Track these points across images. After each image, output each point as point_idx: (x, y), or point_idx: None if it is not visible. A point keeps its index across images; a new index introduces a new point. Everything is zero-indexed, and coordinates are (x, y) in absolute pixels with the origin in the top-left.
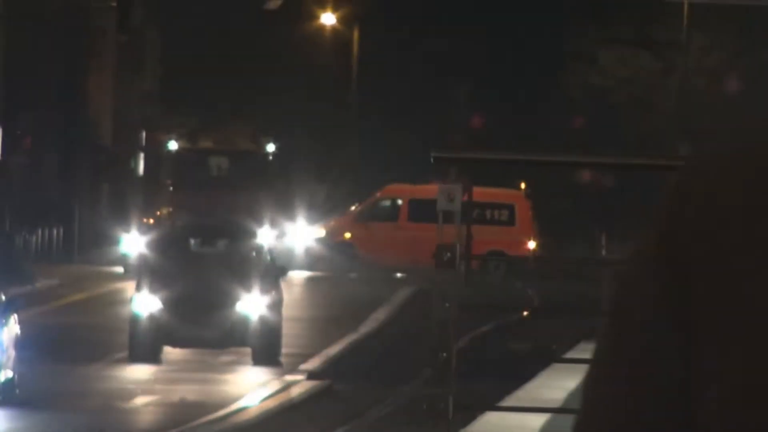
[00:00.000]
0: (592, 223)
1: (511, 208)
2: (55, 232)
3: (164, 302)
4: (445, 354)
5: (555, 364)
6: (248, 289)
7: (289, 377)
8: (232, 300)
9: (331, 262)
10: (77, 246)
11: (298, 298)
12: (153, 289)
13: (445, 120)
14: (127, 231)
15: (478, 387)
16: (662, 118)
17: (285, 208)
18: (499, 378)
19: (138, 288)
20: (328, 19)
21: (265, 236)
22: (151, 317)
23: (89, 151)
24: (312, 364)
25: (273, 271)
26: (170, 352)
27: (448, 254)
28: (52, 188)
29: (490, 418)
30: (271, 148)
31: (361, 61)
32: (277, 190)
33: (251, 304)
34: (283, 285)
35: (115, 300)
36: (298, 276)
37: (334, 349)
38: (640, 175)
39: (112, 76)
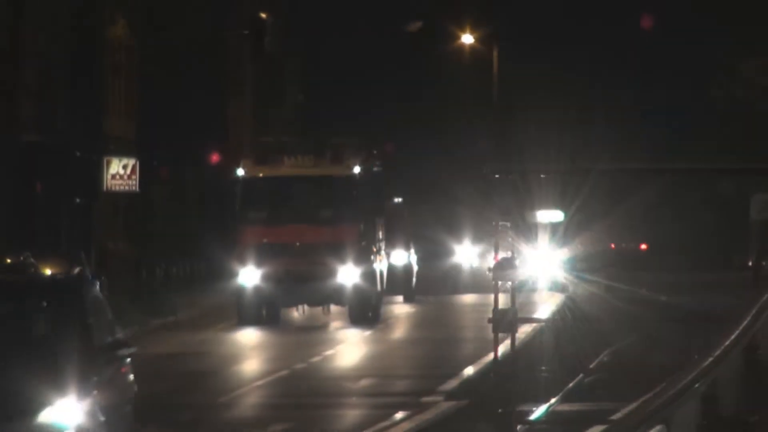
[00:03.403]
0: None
1: None
2: (196, 262)
3: None
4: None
5: None
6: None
7: (427, 398)
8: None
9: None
10: (219, 276)
11: (427, 318)
12: None
13: (588, 134)
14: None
15: None
16: None
17: (382, 239)
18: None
19: None
20: (467, 39)
21: (348, 275)
22: None
23: (229, 180)
24: (449, 384)
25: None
26: None
27: None
28: (193, 218)
29: None
30: (356, 169)
31: (500, 79)
32: (366, 220)
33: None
34: (409, 308)
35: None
36: (418, 299)
37: (471, 370)
38: None
39: (251, 104)
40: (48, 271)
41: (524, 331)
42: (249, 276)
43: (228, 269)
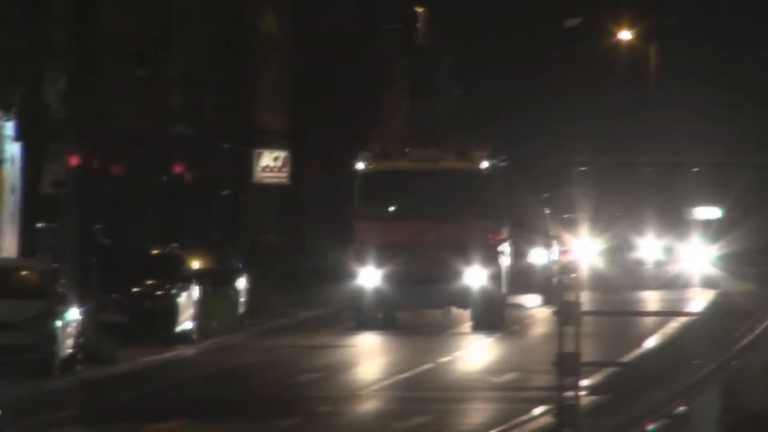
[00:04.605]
0: None
1: None
2: (344, 255)
3: None
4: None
5: None
6: None
7: (569, 393)
8: None
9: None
10: None
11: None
12: None
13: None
14: None
15: None
16: None
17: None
18: None
19: None
20: (625, 35)
21: (473, 277)
22: None
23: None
24: (593, 379)
25: None
26: None
27: None
28: (345, 211)
29: None
30: (485, 164)
31: (658, 75)
32: (493, 217)
33: None
34: (548, 310)
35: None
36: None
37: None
38: None
39: (405, 97)
40: (196, 262)
41: (672, 326)
42: (368, 277)
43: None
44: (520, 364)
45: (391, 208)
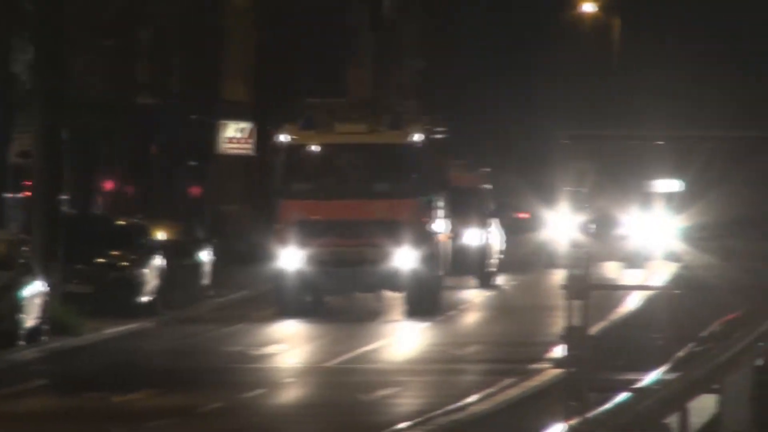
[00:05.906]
0: None
1: None
2: None
3: None
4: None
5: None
6: None
7: (534, 366)
8: None
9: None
10: None
11: (504, 302)
12: None
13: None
14: None
15: None
16: None
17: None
18: None
19: None
20: (588, 7)
21: (406, 258)
22: None
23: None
24: (558, 352)
25: None
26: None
27: None
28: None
29: None
30: (418, 137)
31: (621, 49)
32: (427, 194)
33: None
34: (483, 293)
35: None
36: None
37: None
38: None
39: (369, 70)
40: (160, 233)
41: (634, 300)
42: (290, 258)
43: None
44: (466, 344)
45: (316, 185)
